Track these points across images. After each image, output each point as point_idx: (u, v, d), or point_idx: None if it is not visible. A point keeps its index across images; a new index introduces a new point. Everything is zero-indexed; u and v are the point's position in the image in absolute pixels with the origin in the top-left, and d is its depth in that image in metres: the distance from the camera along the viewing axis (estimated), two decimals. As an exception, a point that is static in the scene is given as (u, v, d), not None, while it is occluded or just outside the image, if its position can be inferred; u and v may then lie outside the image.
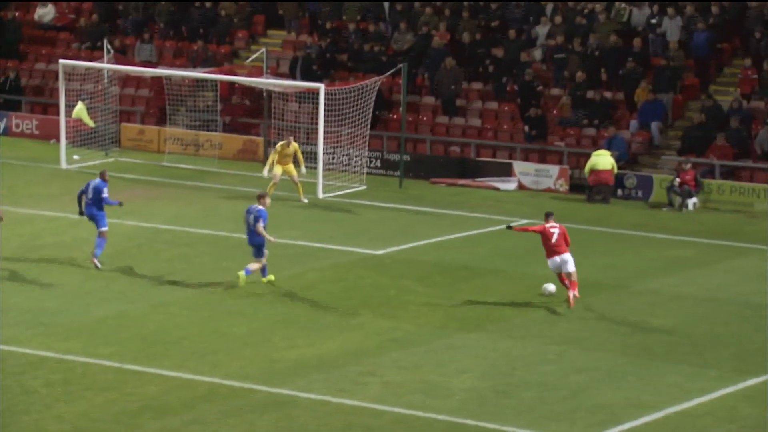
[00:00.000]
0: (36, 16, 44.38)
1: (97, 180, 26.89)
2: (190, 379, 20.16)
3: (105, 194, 26.58)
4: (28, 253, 27.46)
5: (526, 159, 37.30)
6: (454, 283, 26.53)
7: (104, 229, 26.56)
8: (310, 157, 36.51)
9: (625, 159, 36.26)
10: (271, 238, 25.61)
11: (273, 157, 33.03)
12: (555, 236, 24.84)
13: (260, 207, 25.64)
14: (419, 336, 22.94)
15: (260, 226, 25.37)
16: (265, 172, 33.02)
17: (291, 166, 33.13)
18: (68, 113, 36.87)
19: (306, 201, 33.31)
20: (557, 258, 24.76)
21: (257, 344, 22.10)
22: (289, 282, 26.07)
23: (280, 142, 33.33)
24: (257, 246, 25.60)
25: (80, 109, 36.23)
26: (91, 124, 36.49)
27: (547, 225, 25.06)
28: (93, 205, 26.65)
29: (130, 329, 22.63)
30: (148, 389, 19.61)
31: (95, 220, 26.65)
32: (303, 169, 33.19)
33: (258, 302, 24.60)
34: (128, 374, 20.24)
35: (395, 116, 39.18)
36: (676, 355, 22.21)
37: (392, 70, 37.49)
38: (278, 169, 33.03)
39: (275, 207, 32.85)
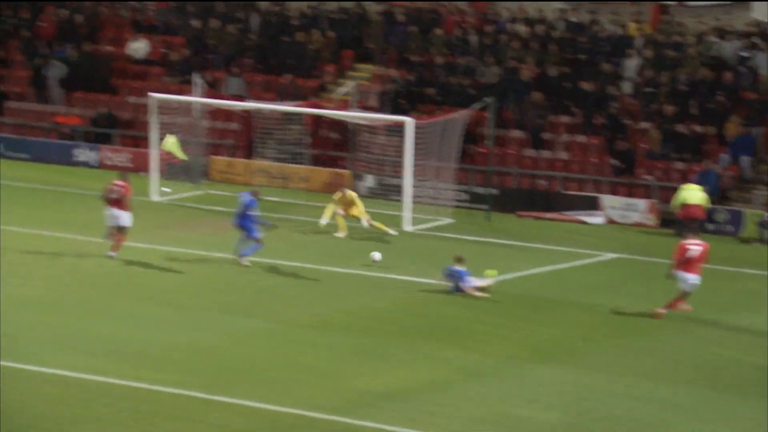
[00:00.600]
0: (128, 50, 45.21)
1: (248, 196, 29.02)
2: (258, 407, 20.23)
3: (252, 212, 28.79)
4: (101, 280, 27.82)
5: (614, 193, 37.06)
6: (530, 314, 26.41)
7: (256, 236, 28.67)
8: (397, 190, 36.68)
9: (716, 194, 35.85)
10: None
11: (331, 206, 32.77)
12: (696, 252, 25.10)
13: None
14: (490, 366, 22.83)
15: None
16: (323, 221, 32.44)
17: (355, 212, 32.78)
18: (159, 146, 37.49)
19: (394, 233, 33.26)
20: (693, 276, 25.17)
21: (326, 373, 22.15)
22: (362, 312, 26.13)
23: (337, 193, 33.08)
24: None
25: (171, 143, 36.84)
26: (181, 156, 37.04)
27: (688, 242, 25.35)
28: (241, 218, 28.86)
29: (202, 358, 22.77)
30: (216, 417, 19.72)
31: (244, 230, 28.89)
32: (365, 222, 32.66)
33: (328, 331, 24.68)
34: (196, 402, 20.36)
35: (482, 149, 39.17)
36: (747, 387, 21.87)
37: (480, 104, 37.52)
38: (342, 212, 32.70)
39: (359, 237, 33.05)
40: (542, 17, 41.78)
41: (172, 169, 38.02)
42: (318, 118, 40.30)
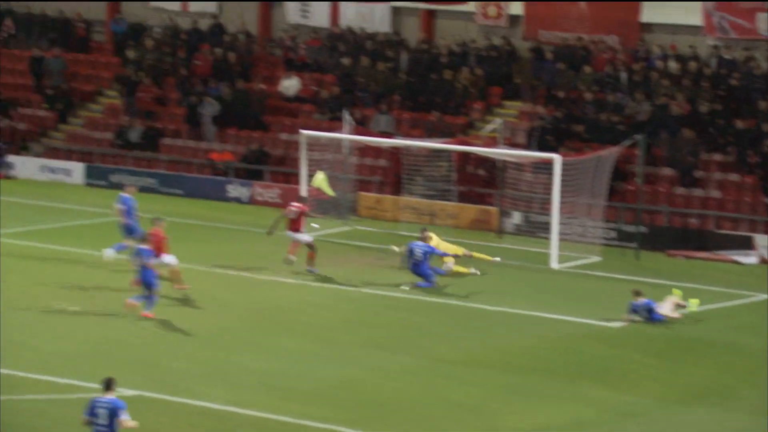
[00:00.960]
0: (280, 88, 45.90)
1: (423, 246, 30.73)
2: (407, 443, 20.32)
3: (419, 255, 30.70)
4: (258, 316, 28.18)
5: (769, 232, 36.45)
6: (683, 355, 26.04)
7: (431, 281, 30.58)
8: (544, 228, 36.49)
9: None
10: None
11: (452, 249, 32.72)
12: None
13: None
14: (642, 407, 22.56)
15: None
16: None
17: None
18: (309, 182, 37.91)
19: (498, 260, 33.20)
20: None
21: (477, 411, 22.09)
22: (514, 350, 26.03)
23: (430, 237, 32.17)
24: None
25: (321, 179, 37.24)
26: (330, 193, 37.39)
27: None
28: (415, 264, 30.66)
29: (350, 392, 22.93)
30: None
31: (420, 276, 30.76)
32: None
33: (480, 369, 24.61)
34: (346, 437, 20.55)
35: (632, 187, 38.79)
36: None
37: (629, 141, 37.22)
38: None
39: (506, 274, 32.95)
40: (694, 54, 41.27)
41: (320, 206, 38.39)
42: (465, 155, 40.36)
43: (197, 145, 45.22)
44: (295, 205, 32.19)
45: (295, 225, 32.14)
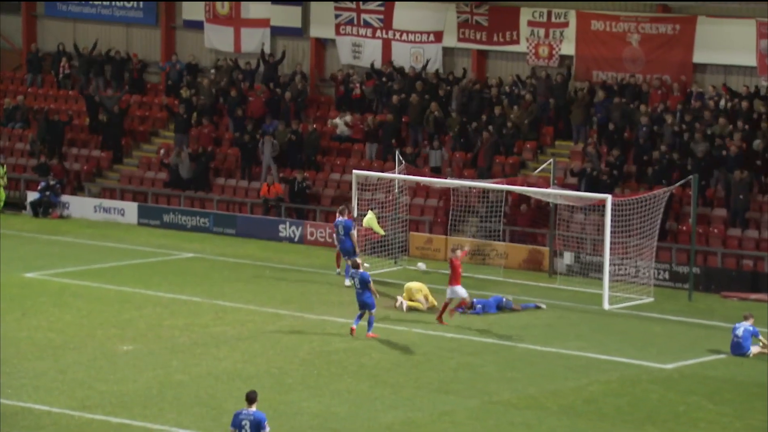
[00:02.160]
0: (330, 124, 45.76)
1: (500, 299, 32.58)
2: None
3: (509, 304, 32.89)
4: (319, 359, 27.98)
5: (823, 273, 35.87)
6: (747, 400, 25.58)
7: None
8: (596, 268, 36.11)
9: None
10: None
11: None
12: None
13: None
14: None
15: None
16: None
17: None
18: (360, 222, 37.76)
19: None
20: None
21: (541, 457, 21.80)
22: (574, 394, 25.68)
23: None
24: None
25: (371, 218, 37.02)
26: (381, 232, 37.19)
27: None
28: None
29: (413, 436, 22.72)
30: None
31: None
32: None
33: (542, 414, 24.28)
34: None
35: (685, 227, 38.38)
36: None
37: (683, 181, 36.81)
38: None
39: (559, 315, 32.60)
40: (748, 92, 40.75)
41: (371, 245, 38.18)
42: (517, 195, 40.05)
43: (250, 185, 45.17)
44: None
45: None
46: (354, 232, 34.73)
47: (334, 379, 26.31)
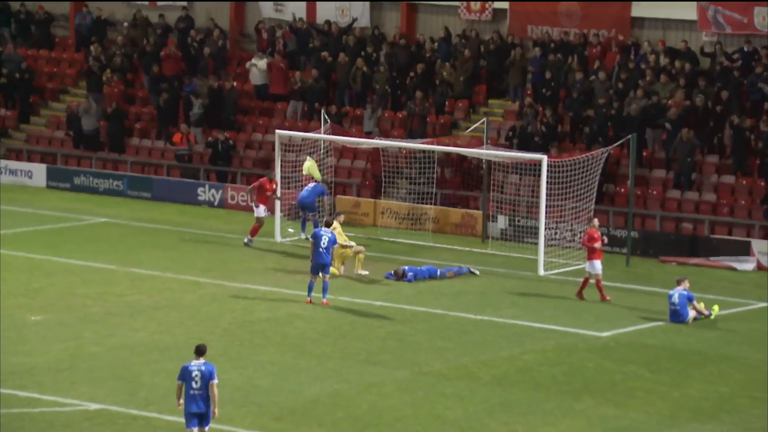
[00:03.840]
0: (248, 65, 45.38)
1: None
2: (402, 464, 20.13)
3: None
4: (241, 329, 27.95)
5: (766, 237, 36.30)
6: (684, 369, 25.91)
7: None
8: (531, 232, 36.34)
9: None
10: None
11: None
12: None
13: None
14: (647, 425, 22.41)
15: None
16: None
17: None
18: (284, 185, 37.70)
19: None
20: None
21: (473, 429, 21.92)
22: (508, 363, 25.88)
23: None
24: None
25: (311, 165, 37.19)
26: (318, 177, 37.32)
27: None
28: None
29: (343, 409, 22.74)
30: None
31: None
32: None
33: (475, 384, 24.45)
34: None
35: (622, 190, 38.70)
36: None
37: (620, 141, 37.09)
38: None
39: (490, 283, 32.82)
40: (688, 49, 40.97)
41: (296, 209, 38.10)
42: (448, 157, 40.16)
43: (166, 146, 44.87)
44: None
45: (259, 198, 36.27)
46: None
47: (257, 350, 26.31)
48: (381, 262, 35.00)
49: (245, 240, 36.46)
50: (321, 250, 29.67)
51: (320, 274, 29.73)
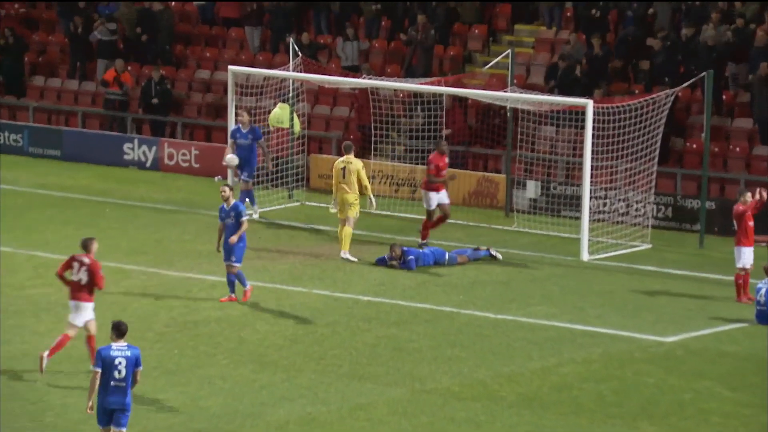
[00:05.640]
0: None
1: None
2: None
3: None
4: (182, 332, 28.10)
5: None
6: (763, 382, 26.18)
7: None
8: (572, 203, 36.48)
9: None
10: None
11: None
12: None
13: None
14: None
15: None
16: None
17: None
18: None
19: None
20: None
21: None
22: (539, 379, 26.06)
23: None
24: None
25: (281, 113, 37.25)
26: (297, 128, 37.47)
27: None
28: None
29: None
30: None
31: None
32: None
33: (495, 407, 24.63)
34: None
35: (694, 146, 38.87)
36: None
37: (691, 80, 37.24)
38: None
39: (516, 271, 33.00)
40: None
41: (257, 173, 38.27)
42: (460, 102, 40.26)
43: (81, 87, 44.96)
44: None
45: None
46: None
47: (203, 361, 26.43)
48: (370, 244, 35.16)
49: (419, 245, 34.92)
50: (230, 223, 29.67)
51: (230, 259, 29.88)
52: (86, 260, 25.31)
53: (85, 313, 25.28)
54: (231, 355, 26.86)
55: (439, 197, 34.52)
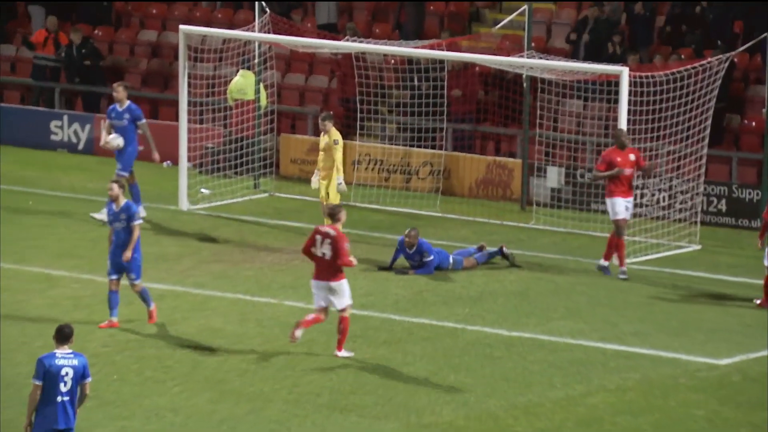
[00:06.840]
0: None
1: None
2: None
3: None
4: (123, 354, 28.20)
5: None
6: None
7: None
8: (602, 194, 36.52)
9: None
10: None
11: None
12: None
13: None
14: None
15: None
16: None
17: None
18: (193, 113, 37.81)
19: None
20: None
21: None
22: (563, 410, 26.13)
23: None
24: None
25: (243, 82, 37.33)
26: (264, 103, 37.57)
27: None
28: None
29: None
30: None
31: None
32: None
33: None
34: None
35: (753, 123, 38.99)
36: None
37: (749, 43, 37.34)
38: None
39: (535, 278, 33.07)
40: None
41: (215, 158, 38.35)
42: (465, 69, 40.36)
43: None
44: None
45: None
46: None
47: (149, 389, 26.49)
48: (354, 243, 35.10)
49: (600, 264, 34.31)
50: (118, 231, 29.66)
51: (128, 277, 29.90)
52: (332, 232, 27.31)
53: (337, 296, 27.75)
54: (184, 382, 26.92)
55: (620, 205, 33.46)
